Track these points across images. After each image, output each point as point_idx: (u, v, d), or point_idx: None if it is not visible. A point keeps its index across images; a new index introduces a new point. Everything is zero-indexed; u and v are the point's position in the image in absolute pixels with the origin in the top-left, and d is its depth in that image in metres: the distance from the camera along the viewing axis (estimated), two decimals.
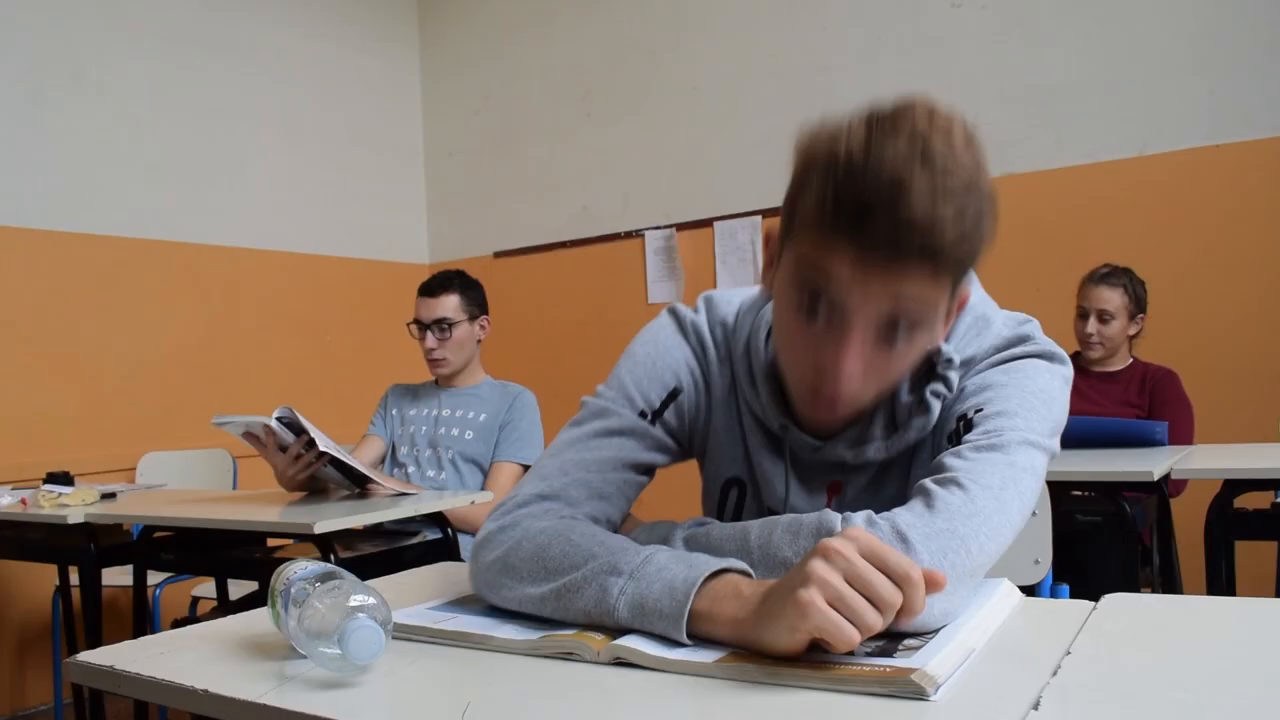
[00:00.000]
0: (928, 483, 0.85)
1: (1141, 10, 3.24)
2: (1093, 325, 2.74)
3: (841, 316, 0.85)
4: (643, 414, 1.05)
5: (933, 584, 0.70)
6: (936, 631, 0.73)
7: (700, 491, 1.14)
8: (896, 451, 0.98)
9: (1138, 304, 2.79)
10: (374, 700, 0.70)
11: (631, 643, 0.74)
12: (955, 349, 0.96)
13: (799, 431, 0.99)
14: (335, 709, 0.68)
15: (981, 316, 0.99)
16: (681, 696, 0.67)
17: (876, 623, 0.67)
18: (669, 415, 1.06)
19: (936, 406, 0.95)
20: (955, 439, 0.91)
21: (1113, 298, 2.74)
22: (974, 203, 0.82)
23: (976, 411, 0.91)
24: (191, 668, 0.78)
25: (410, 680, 0.74)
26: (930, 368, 0.95)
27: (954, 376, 0.95)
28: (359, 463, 2.16)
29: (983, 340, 0.97)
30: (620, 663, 0.73)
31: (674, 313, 1.12)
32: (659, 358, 1.08)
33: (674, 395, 1.06)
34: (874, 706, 0.62)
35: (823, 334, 0.86)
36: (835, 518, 0.81)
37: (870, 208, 0.78)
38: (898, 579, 0.69)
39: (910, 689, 0.63)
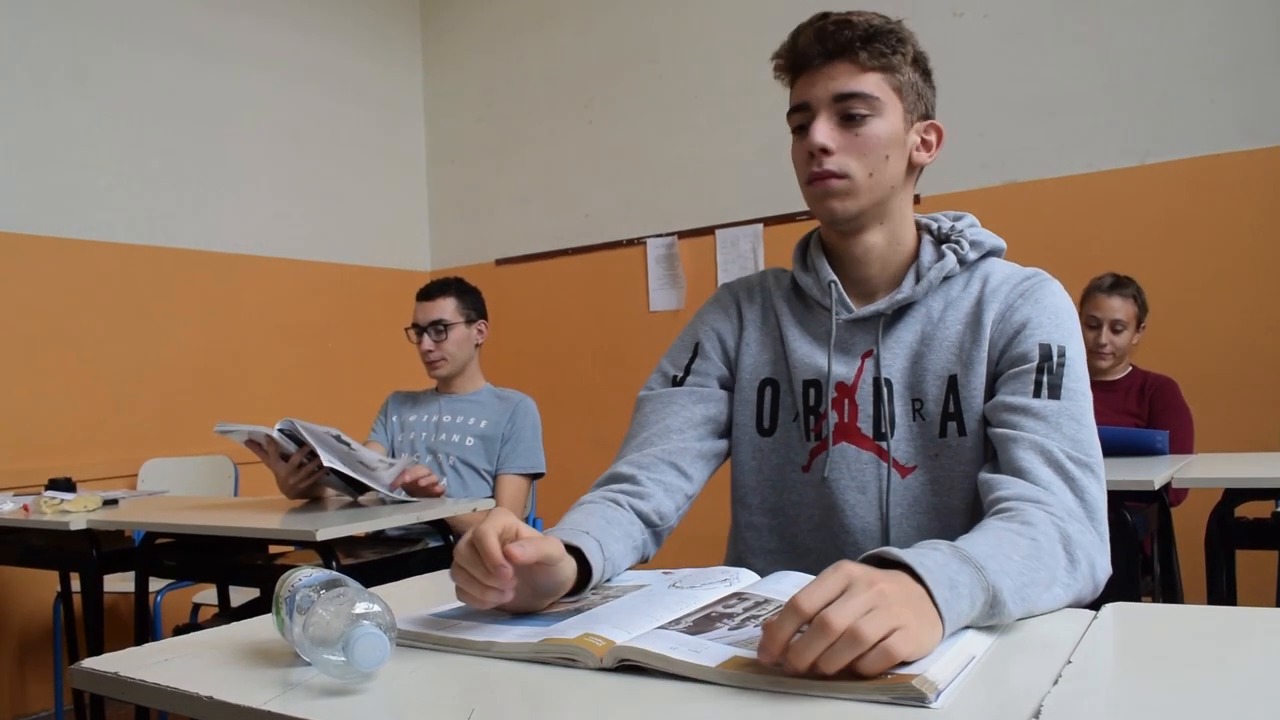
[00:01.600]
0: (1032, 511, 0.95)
1: (1143, 19, 3.25)
2: (1106, 335, 2.75)
3: (808, 113, 1.13)
4: (673, 379, 1.26)
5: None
6: None
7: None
8: (923, 294, 1.16)
9: (1143, 312, 2.80)
10: (378, 708, 0.70)
11: (636, 643, 0.74)
12: (967, 232, 1.20)
13: (842, 292, 1.19)
14: (339, 716, 0.68)
15: (992, 234, 1.23)
16: (683, 703, 0.67)
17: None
18: (698, 366, 1.25)
19: (951, 257, 1.17)
20: (1041, 372, 1.07)
21: (1125, 307, 2.75)
22: (885, 21, 1.14)
23: (1054, 358, 1.08)
24: (196, 674, 0.78)
25: (414, 687, 0.74)
26: (946, 239, 1.20)
27: (965, 245, 1.18)
28: (363, 474, 2.15)
29: (992, 240, 1.20)
30: (622, 668, 0.73)
31: (716, 291, 1.34)
32: (686, 332, 1.30)
33: (696, 351, 1.27)
34: (876, 713, 0.62)
35: (806, 137, 1.13)
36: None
37: (801, 30, 1.14)
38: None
39: (911, 695, 0.63)
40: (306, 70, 4.36)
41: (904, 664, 0.67)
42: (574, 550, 0.94)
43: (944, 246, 1.18)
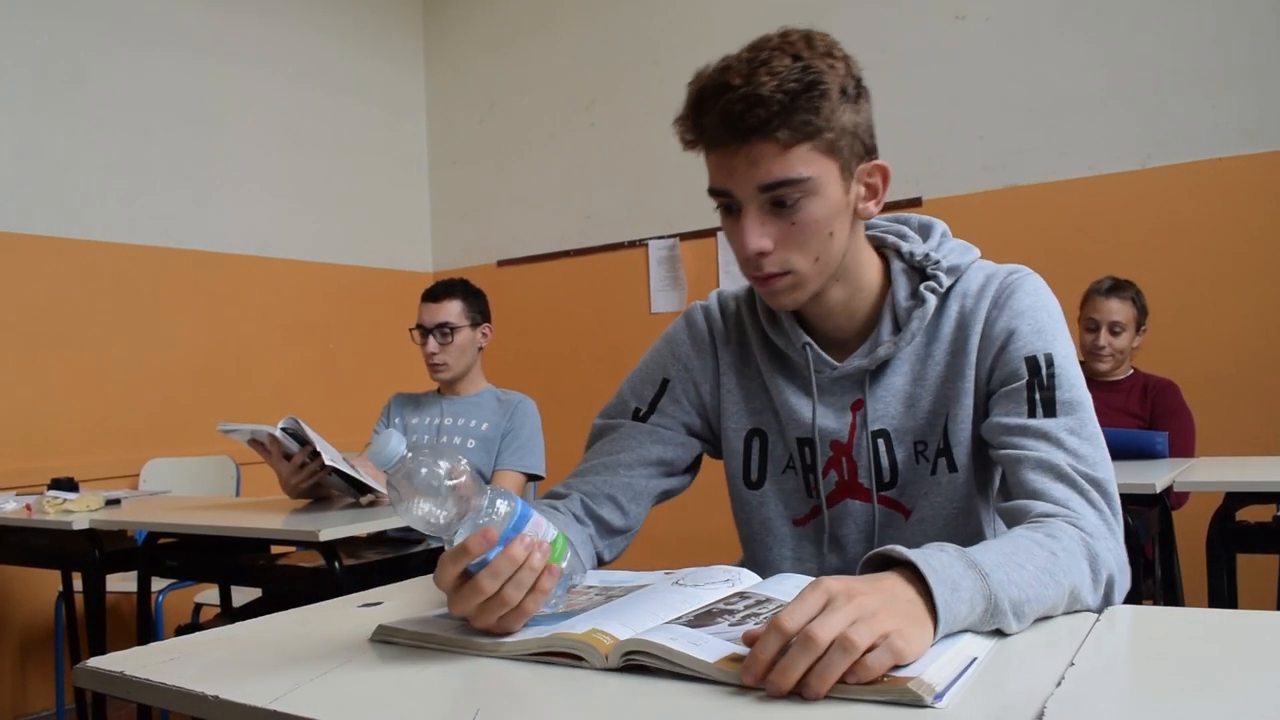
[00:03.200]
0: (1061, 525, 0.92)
1: (1144, 24, 3.25)
2: (1104, 337, 2.76)
3: (736, 201, 0.99)
4: (635, 411, 1.19)
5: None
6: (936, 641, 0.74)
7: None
8: (905, 346, 1.08)
9: (1143, 315, 2.81)
10: (382, 706, 0.70)
11: (645, 636, 0.74)
12: (943, 257, 1.09)
13: (819, 351, 1.10)
14: (345, 715, 0.68)
15: (964, 244, 1.14)
16: (685, 703, 0.67)
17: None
18: (664, 406, 1.18)
19: (932, 299, 1.07)
20: (1032, 389, 1.02)
21: (1124, 309, 2.76)
22: (799, 74, 0.95)
23: (1043, 370, 1.02)
24: (201, 674, 0.78)
25: (418, 687, 0.74)
26: (921, 271, 1.09)
27: (943, 277, 1.08)
28: (364, 474, 2.16)
29: (967, 257, 1.11)
30: (627, 668, 0.73)
31: (684, 314, 1.25)
32: (652, 360, 1.22)
33: (664, 387, 1.19)
34: (878, 713, 0.63)
35: (735, 220, 1.00)
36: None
37: (703, 106, 0.98)
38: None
39: (907, 697, 0.63)
40: (308, 71, 4.36)
41: (898, 666, 0.67)
42: None
43: (923, 288, 1.08)
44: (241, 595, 2.84)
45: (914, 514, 1.10)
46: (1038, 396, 1.01)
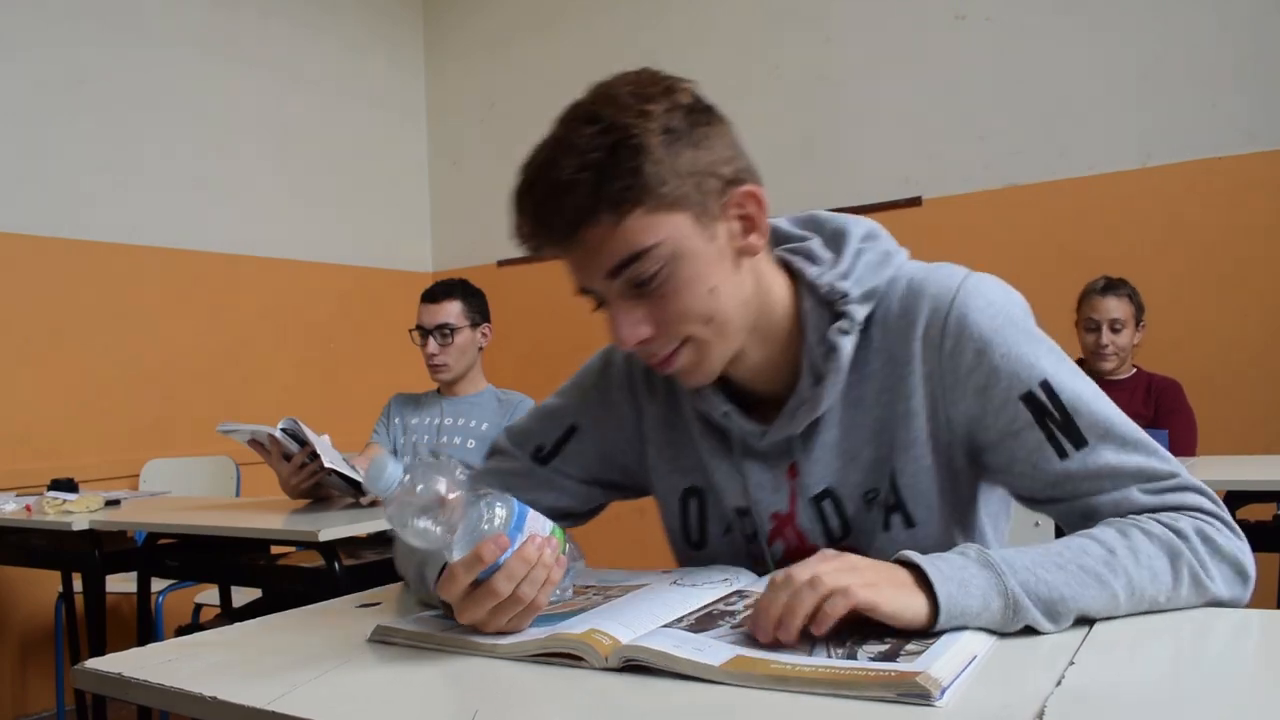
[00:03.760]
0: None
1: (1144, 23, 3.25)
2: (1106, 336, 2.77)
3: (598, 295, 0.90)
4: (538, 450, 1.11)
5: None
6: (937, 638, 0.74)
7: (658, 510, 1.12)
8: (832, 399, 0.95)
9: (1140, 311, 2.82)
10: (382, 706, 0.70)
11: (642, 642, 0.74)
12: (854, 283, 0.94)
13: (741, 419, 0.98)
14: (345, 715, 0.68)
15: (884, 253, 0.97)
16: (686, 702, 0.67)
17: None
18: (570, 452, 1.10)
19: (846, 343, 0.93)
20: (1047, 429, 0.88)
21: (1121, 307, 2.78)
22: (600, 140, 0.84)
23: (1046, 403, 0.89)
24: (200, 675, 0.78)
25: (417, 687, 0.74)
26: (831, 309, 0.94)
27: (857, 309, 0.93)
28: (363, 475, 2.16)
29: (883, 272, 0.95)
30: (627, 668, 0.73)
31: (603, 353, 1.14)
32: (562, 402, 1.13)
33: (569, 433, 1.10)
34: (880, 712, 0.63)
35: (606, 313, 0.91)
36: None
37: (520, 209, 0.89)
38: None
39: (916, 691, 0.63)
40: (309, 71, 4.37)
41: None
42: None
43: (831, 332, 0.93)
44: (241, 595, 2.84)
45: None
46: (1058, 433, 0.88)
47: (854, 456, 0.96)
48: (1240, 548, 0.85)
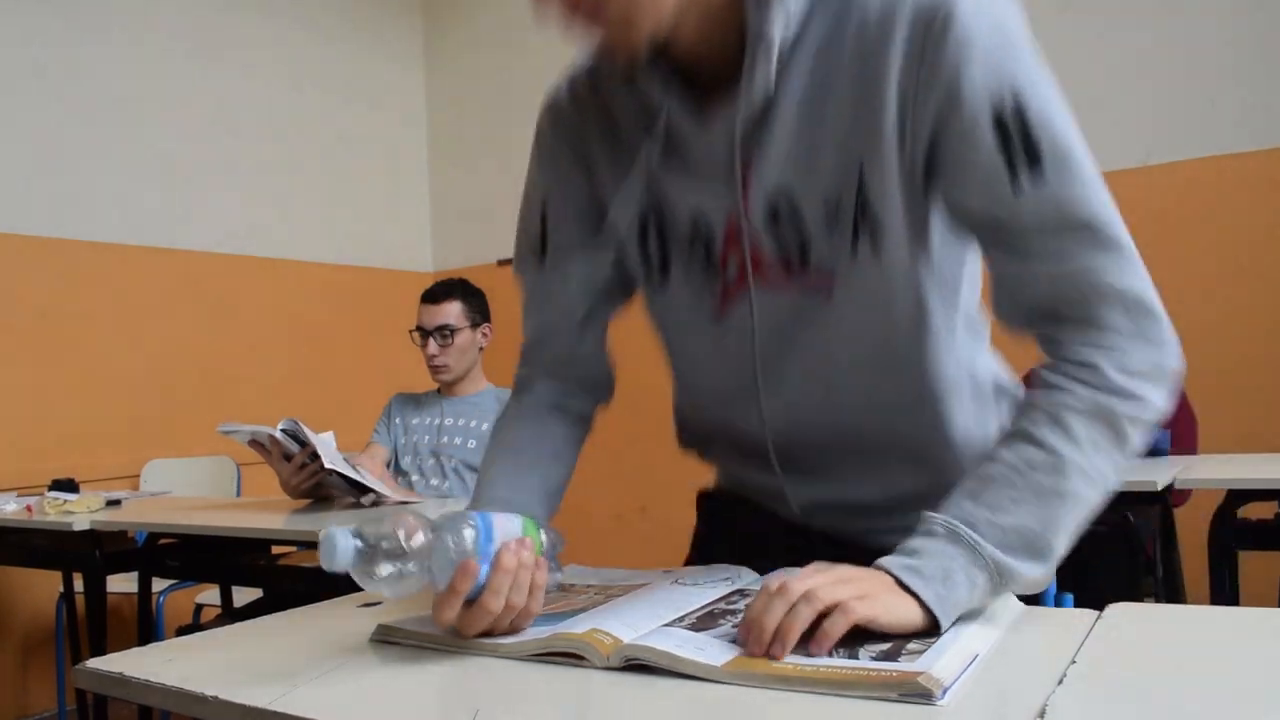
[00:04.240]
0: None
1: (1144, 22, 3.25)
2: None
3: None
4: (537, 257, 1.08)
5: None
6: (939, 637, 0.74)
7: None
8: (788, 78, 0.85)
9: None
10: (382, 706, 0.70)
11: (643, 641, 0.74)
12: None
13: (680, 102, 0.89)
14: (345, 715, 0.68)
15: None
16: (687, 702, 0.67)
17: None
18: (554, 227, 1.06)
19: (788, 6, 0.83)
20: (1007, 147, 0.80)
21: None
22: None
23: (1009, 119, 0.81)
24: (200, 674, 0.78)
25: (418, 687, 0.74)
26: None
27: None
28: (364, 475, 2.16)
29: None
30: (629, 667, 0.73)
31: (539, 115, 1.09)
32: (526, 196, 1.11)
33: (544, 212, 1.06)
34: (881, 711, 0.63)
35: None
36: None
37: None
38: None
39: (917, 690, 0.63)
40: (308, 70, 4.36)
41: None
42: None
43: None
44: (242, 595, 2.84)
45: (837, 294, 0.89)
46: (1015, 159, 0.80)
47: (814, 155, 0.86)
48: (1158, 355, 0.87)
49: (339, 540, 0.78)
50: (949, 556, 0.77)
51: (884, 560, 0.79)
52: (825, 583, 0.74)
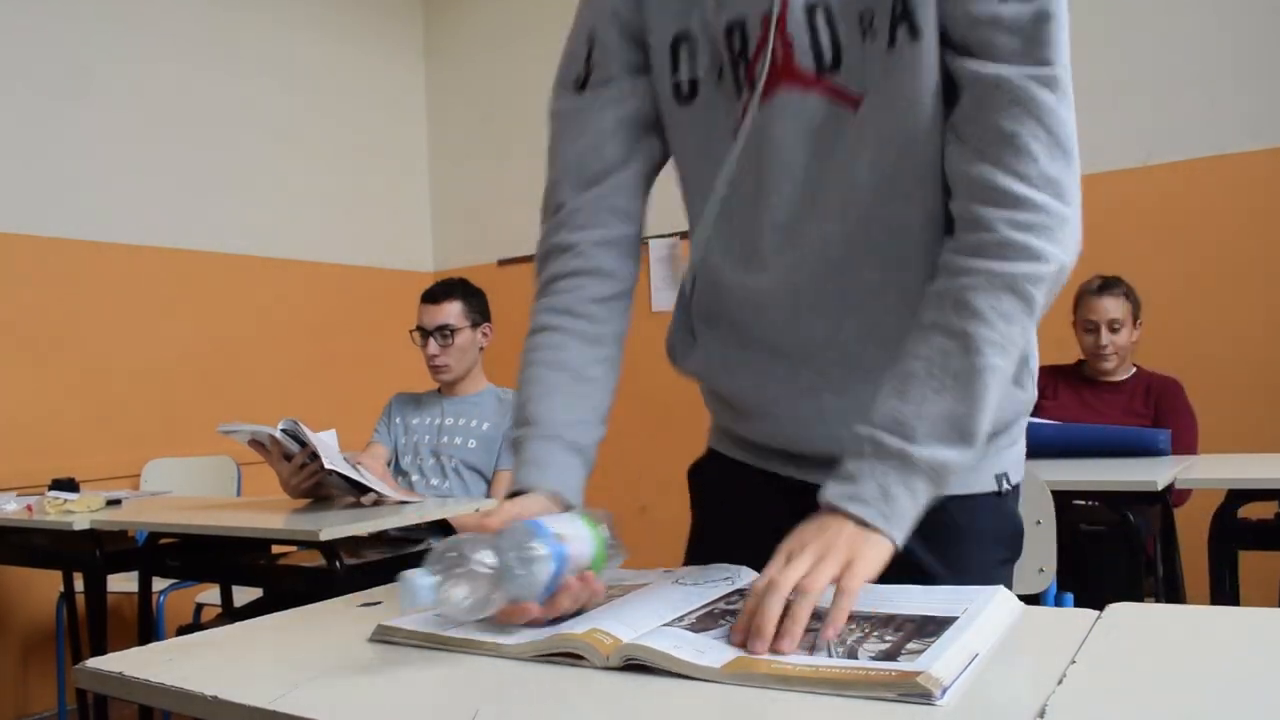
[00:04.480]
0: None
1: (1144, 21, 3.25)
2: (1105, 336, 2.77)
3: None
4: (575, 80, 1.05)
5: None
6: (939, 636, 0.74)
7: None
8: None
9: (1137, 309, 2.82)
10: (382, 706, 0.70)
11: (643, 641, 0.74)
12: None
13: None
14: (345, 715, 0.68)
15: None
16: (688, 702, 0.67)
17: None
18: (597, 59, 1.04)
19: None
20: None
21: (1118, 306, 2.77)
22: None
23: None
24: (200, 674, 0.78)
25: (418, 687, 0.74)
26: None
27: None
28: (364, 475, 2.16)
29: None
30: (629, 667, 0.73)
31: None
32: (574, 27, 1.07)
33: (590, 43, 1.04)
34: (881, 712, 0.63)
35: None
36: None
37: None
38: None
39: (917, 690, 0.63)
40: (309, 70, 4.36)
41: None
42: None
43: None
44: (243, 595, 2.84)
45: (865, 103, 0.91)
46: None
47: None
48: (1058, 203, 0.86)
49: (417, 580, 0.79)
50: (880, 473, 0.81)
51: (827, 494, 0.82)
52: (806, 567, 0.77)
